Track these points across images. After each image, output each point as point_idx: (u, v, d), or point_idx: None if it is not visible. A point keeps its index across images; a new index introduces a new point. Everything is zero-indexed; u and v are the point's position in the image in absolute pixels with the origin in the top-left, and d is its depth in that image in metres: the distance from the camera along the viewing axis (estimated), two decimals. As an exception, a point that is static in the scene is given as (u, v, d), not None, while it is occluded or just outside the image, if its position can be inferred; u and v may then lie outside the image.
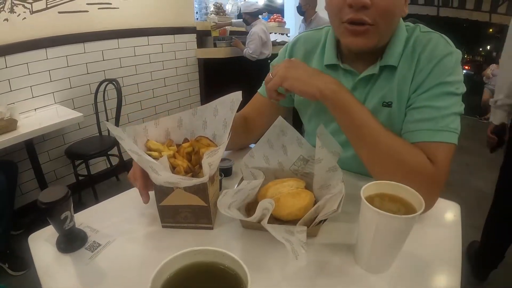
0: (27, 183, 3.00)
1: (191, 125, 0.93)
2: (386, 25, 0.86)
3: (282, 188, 0.81)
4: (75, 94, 3.26)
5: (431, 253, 0.72)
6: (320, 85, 0.82)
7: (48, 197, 0.69)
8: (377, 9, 0.81)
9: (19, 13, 2.78)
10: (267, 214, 0.70)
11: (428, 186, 0.76)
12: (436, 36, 0.90)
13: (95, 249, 0.76)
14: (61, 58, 3.09)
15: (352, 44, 0.89)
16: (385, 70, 0.94)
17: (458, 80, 0.85)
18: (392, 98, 0.93)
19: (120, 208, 0.93)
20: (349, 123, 0.84)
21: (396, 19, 0.89)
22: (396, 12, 0.86)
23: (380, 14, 0.82)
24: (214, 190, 0.83)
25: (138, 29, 3.68)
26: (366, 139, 0.83)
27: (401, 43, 0.92)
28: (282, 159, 0.92)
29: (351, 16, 0.83)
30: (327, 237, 0.78)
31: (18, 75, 2.82)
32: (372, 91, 0.97)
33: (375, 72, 0.94)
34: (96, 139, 3.22)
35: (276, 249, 0.72)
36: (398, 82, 0.92)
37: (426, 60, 0.87)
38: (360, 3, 0.80)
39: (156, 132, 0.89)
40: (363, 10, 0.81)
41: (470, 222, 2.73)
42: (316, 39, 1.09)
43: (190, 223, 0.82)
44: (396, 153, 0.80)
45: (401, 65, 0.92)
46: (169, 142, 0.89)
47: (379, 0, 0.80)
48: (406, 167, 0.78)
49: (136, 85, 3.80)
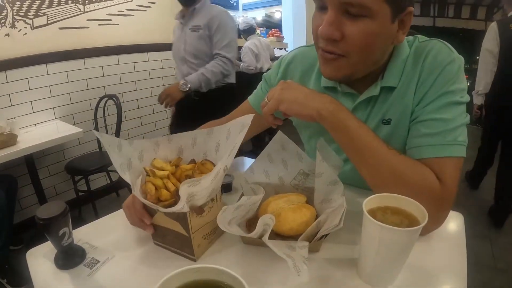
0: (27, 198, 2.98)
1: (205, 145, 0.87)
2: (361, 58, 0.79)
3: (283, 203, 0.81)
4: (75, 110, 3.26)
5: (435, 264, 0.71)
6: (317, 105, 0.79)
7: (46, 213, 0.69)
8: (348, 42, 0.76)
9: (20, 29, 2.81)
10: (268, 230, 0.69)
11: (436, 205, 0.74)
12: (437, 44, 0.86)
13: (93, 265, 0.75)
14: (61, 74, 3.11)
15: (324, 74, 0.86)
16: (384, 89, 0.90)
17: (462, 88, 0.82)
18: (391, 115, 0.90)
19: (119, 224, 0.92)
20: (349, 144, 0.80)
21: (377, 51, 0.81)
22: (375, 46, 0.79)
23: (352, 47, 0.76)
24: (203, 222, 0.77)
25: (138, 45, 3.70)
26: (368, 160, 0.79)
27: (402, 61, 0.88)
28: (283, 174, 0.92)
29: (322, 45, 0.80)
30: (329, 252, 0.76)
31: (19, 90, 2.83)
32: (373, 112, 0.93)
33: (376, 93, 0.90)
34: (96, 155, 3.21)
35: (278, 266, 0.71)
36: (399, 98, 0.88)
37: (429, 70, 0.83)
38: (326, 36, 0.76)
39: (168, 148, 0.87)
40: (333, 43, 0.77)
41: (474, 232, 2.72)
42: (313, 57, 1.04)
43: (176, 248, 0.79)
44: (400, 174, 0.76)
45: (401, 82, 0.88)
46: (177, 161, 0.85)
47: (351, 33, 0.75)
48: (412, 188, 0.73)
49: (136, 101, 3.80)
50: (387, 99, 0.90)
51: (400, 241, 0.60)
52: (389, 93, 0.90)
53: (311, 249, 0.70)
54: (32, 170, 2.69)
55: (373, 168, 0.79)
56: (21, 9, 2.79)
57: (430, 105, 0.82)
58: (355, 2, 0.71)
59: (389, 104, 0.90)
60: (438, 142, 0.79)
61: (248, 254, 0.78)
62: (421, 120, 0.83)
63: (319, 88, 1.00)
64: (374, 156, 0.78)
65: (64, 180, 3.24)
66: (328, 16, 0.74)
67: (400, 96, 0.88)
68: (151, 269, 0.75)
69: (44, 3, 2.92)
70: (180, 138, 0.87)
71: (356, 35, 0.74)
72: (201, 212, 0.75)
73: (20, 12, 2.78)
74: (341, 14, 0.74)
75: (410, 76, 0.87)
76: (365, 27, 0.73)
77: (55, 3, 2.99)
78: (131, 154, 0.79)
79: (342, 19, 0.74)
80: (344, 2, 0.72)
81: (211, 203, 0.79)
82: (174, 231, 0.76)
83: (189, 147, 0.88)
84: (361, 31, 0.74)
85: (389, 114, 0.91)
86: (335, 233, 0.75)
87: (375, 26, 0.74)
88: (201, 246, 0.78)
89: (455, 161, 0.79)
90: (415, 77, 0.86)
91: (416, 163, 0.78)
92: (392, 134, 0.90)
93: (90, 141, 3.35)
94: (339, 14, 0.74)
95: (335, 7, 0.73)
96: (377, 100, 0.92)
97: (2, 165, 2.28)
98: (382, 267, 0.65)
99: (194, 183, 0.67)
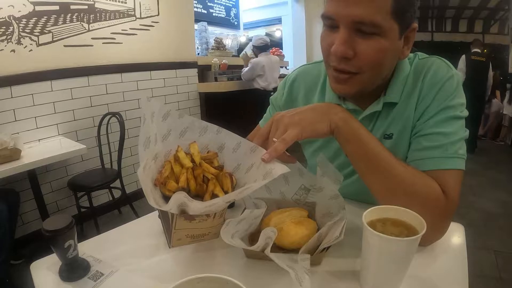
0: (29, 213, 2.99)
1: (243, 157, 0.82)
2: (372, 74, 0.83)
3: (285, 217, 0.81)
4: (79, 127, 3.29)
5: (437, 275, 0.72)
6: (331, 117, 0.78)
7: (52, 225, 0.70)
8: (361, 59, 0.79)
9: (26, 45, 2.86)
10: (270, 243, 0.70)
11: (441, 215, 0.77)
12: (436, 61, 0.89)
13: (98, 278, 0.75)
14: (65, 91, 3.15)
15: (336, 90, 0.89)
16: (387, 105, 0.92)
17: (461, 103, 0.85)
18: (393, 130, 0.93)
19: (123, 238, 0.93)
20: (362, 153, 0.79)
21: (387, 67, 0.86)
22: (386, 62, 0.83)
23: (364, 64, 0.80)
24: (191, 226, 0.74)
25: (141, 63, 3.76)
26: (379, 169, 0.79)
27: (404, 78, 0.91)
28: (284, 189, 0.93)
29: (335, 64, 0.82)
30: (331, 265, 0.77)
31: (23, 106, 2.87)
32: (376, 127, 0.96)
33: (379, 109, 0.93)
34: (99, 172, 3.22)
35: (280, 279, 0.71)
36: (400, 113, 0.91)
37: (429, 86, 0.86)
38: (340, 54, 0.78)
39: (213, 138, 0.84)
40: (346, 61, 0.80)
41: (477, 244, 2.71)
42: (316, 74, 1.08)
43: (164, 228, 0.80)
44: (410, 184, 0.77)
45: (402, 98, 0.91)
46: (212, 155, 0.81)
47: (364, 50, 0.78)
48: (420, 198, 0.76)
49: (139, 118, 3.78)
50: (389, 114, 0.93)
51: (399, 251, 0.61)
52: (390, 109, 0.92)
53: (312, 262, 0.71)
54: (35, 185, 2.69)
55: (384, 177, 0.79)
56: (27, 26, 2.85)
57: (431, 119, 0.84)
58: (368, 21, 0.74)
59: (390, 119, 0.92)
60: (440, 155, 0.81)
61: (251, 268, 0.78)
62: (422, 134, 0.85)
63: None
64: (385, 165, 0.78)
65: (67, 196, 3.24)
66: (341, 34, 0.77)
67: (401, 111, 0.90)
68: (156, 282, 0.75)
69: (50, 20, 2.98)
70: (227, 136, 0.84)
71: (369, 53, 0.78)
72: (191, 219, 0.73)
73: (26, 29, 2.84)
74: (353, 32, 0.77)
75: (411, 92, 0.89)
76: (376, 45, 0.77)
77: (60, 21, 3.05)
78: (174, 126, 0.79)
79: (355, 37, 0.77)
80: (357, 21, 0.75)
81: (206, 217, 0.74)
82: (168, 218, 0.74)
83: (230, 150, 0.84)
84: (373, 49, 0.77)
85: (390, 129, 0.93)
86: (337, 246, 0.76)
87: (386, 43, 0.77)
88: (182, 241, 0.76)
89: (457, 174, 0.80)
90: (415, 93, 0.88)
91: (423, 175, 0.79)
92: (393, 148, 0.91)
93: (93, 157, 3.36)
94: (351, 33, 0.77)
95: (348, 26, 0.76)
96: (380, 116, 0.94)
97: (5, 179, 2.29)
98: (383, 278, 0.65)
99: (188, 199, 0.66)
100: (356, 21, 0.74)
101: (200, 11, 5.86)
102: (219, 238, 0.72)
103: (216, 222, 0.76)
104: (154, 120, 0.76)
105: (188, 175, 0.74)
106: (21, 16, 2.79)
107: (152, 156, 0.75)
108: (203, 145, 0.83)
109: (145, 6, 3.74)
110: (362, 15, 0.73)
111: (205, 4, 6.06)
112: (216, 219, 0.76)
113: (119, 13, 3.50)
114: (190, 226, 0.73)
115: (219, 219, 0.77)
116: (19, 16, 2.78)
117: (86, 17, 3.23)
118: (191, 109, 4.44)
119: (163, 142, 0.78)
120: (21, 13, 2.79)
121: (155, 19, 3.86)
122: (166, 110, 0.78)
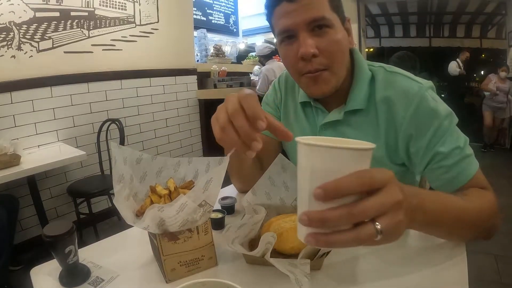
0: (28, 219, 2.98)
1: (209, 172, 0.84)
2: (338, 63, 0.91)
3: (285, 223, 0.81)
4: (78, 133, 3.30)
5: (437, 281, 0.71)
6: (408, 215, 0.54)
7: (53, 231, 0.70)
8: (325, 53, 0.87)
9: (26, 51, 2.87)
10: (270, 248, 0.70)
11: (498, 213, 0.84)
12: (402, 79, 0.93)
13: (98, 284, 0.76)
14: (65, 97, 3.16)
15: (314, 93, 0.95)
16: (352, 115, 0.97)
17: (446, 109, 0.88)
18: (362, 136, 0.94)
19: (123, 244, 0.94)
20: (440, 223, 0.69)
21: (346, 54, 0.94)
22: (344, 49, 0.91)
23: (329, 57, 0.88)
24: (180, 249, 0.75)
25: (140, 70, 3.77)
26: (456, 229, 0.76)
27: (364, 85, 0.95)
28: (284, 195, 0.93)
29: (309, 68, 0.89)
30: (331, 270, 0.77)
31: (23, 112, 2.88)
32: (339, 132, 0.99)
33: (339, 118, 0.98)
34: (98, 178, 3.21)
35: (280, 283, 0.71)
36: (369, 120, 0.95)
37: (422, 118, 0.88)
38: (309, 54, 0.85)
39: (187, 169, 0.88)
40: (314, 59, 0.87)
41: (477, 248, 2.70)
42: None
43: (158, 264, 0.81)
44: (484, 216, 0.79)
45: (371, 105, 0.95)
46: (189, 183, 0.83)
47: (325, 45, 0.86)
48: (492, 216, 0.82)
49: (138, 125, 3.84)
50: (354, 121, 0.98)
51: (336, 167, 0.45)
52: (355, 115, 0.97)
53: (313, 267, 0.71)
54: (34, 191, 2.69)
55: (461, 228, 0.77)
56: (28, 32, 2.86)
57: (437, 142, 0.87)
58: (319, 17, 0.85)
59: (356, 125, 0.98)
60: (465, 166, 0.86)
61: (251, 274, 0.78)
62: (442, 158, 0.87)
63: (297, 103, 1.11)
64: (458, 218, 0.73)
65: (66, 202, 3.24)
66: (302, 38, 0.86)
67: (371, 118, 0.96)
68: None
69: (50, 27, 3.00)
70: (198, 162, 0.88)
71: (329, 44, 0.87)
72: (174, 239, 0.74)
73: (27, 35, 2.86)
74: (311, 33, 0.87)
75: (390, 110, 0.92)
76: (331, 37, 0.87)
77: (60, 28, 3.07)
78: (149, 168, 0.83)
79: (313, 37, 0.87)
80: (311, 21, 0.85)
81: (189, 233, 0.75)
82: (156, 246, 0.75)
83: (203, 172, 0.87)
84: (331, 41, 0.87)
85: (357, 134, 0.97)
86: (337, 251, 0.76)
87: (336, 32, 0.88)
88: (177, 271, 0.76)
89: (479, 169, 0.88)
90: (397, 116, 0.91)
91: (479, 195, 0.83)
92: None
93: (92, 164, 3.36)
94: (309, 34, 0.86)
95: (305, 29, 0.86)
96: (341, 123, 0.99)
97: (4, 185, 2.30)
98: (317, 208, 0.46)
99: (160, 209, 0.66)
100: (311, 21, 0.85)
101: (199, 18, 5.87)
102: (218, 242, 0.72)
103: (203, 240, 0.77)
104: (127, 164, 0.79)
105: (165, 200, 0.77)
106: (21, 22, 2.81)
107: (132, 193, 0.78)
108: (180, 178, 0.88)
109: (145, 13, 3.76)
110: (313, 14, 0.85)
111: (204, 11, 6.07)
112: (201, 235, 0.77)
113: (119, 20, 3.52)
114: (177, 249, 0.75)
115: (204, 236, 0.77)
116: (19, 22, 2.79)
117: (86, 23, 3.25)
118: (190, 116, 4.45)
119: (141, 183, 0.82)
120: (21, 19, 2.80)
121: (155, 26, 3.88)
122: (138, 155, 0.82)
